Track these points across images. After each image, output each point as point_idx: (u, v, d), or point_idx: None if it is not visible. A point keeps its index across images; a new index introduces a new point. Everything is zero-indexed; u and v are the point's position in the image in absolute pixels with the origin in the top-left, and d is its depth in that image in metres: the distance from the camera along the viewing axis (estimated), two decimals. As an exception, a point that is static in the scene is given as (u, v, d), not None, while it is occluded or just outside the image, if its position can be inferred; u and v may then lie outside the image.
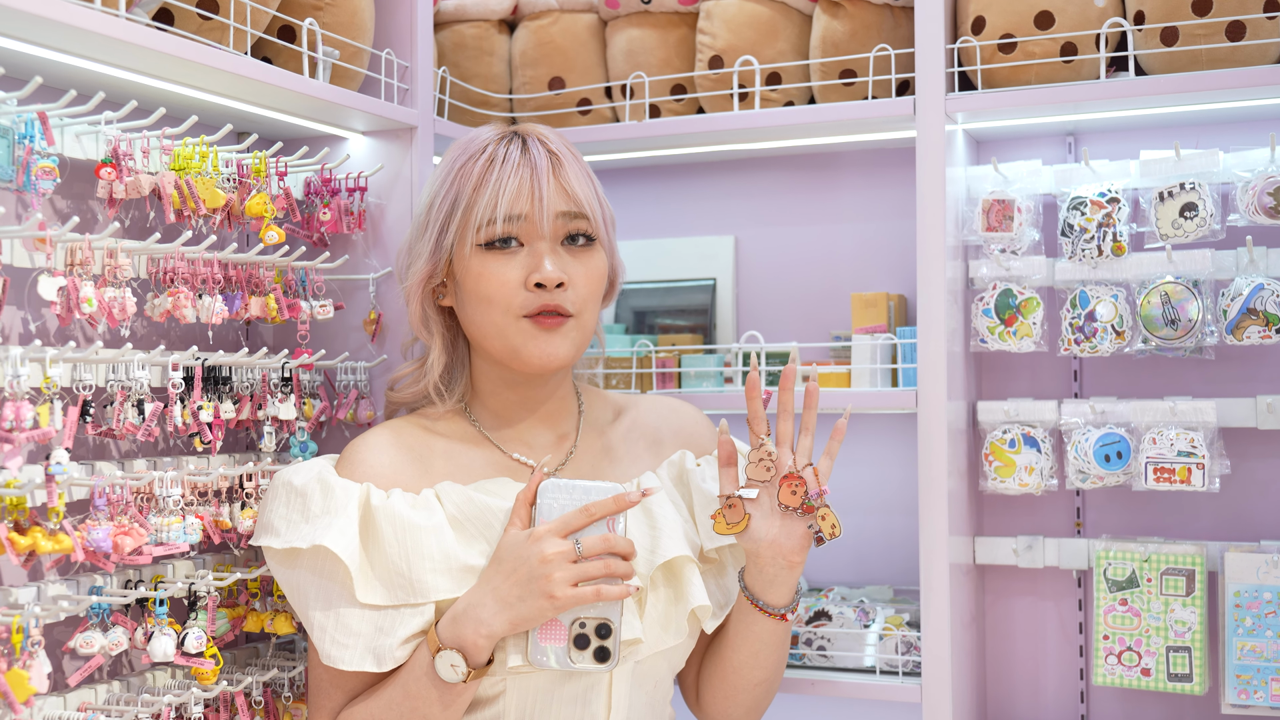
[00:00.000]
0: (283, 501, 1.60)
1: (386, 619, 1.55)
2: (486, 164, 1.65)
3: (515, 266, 1.64)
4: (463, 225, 1.65)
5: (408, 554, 1.56)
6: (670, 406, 1.90)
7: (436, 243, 1.68)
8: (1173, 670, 2.05)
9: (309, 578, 1.57)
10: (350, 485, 1.60)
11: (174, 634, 1.61)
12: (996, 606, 2.34)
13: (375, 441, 1.67)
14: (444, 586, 1.56)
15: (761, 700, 1.80)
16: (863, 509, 2.44)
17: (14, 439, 1.35)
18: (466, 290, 1.67)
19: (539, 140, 1.68)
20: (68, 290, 1.51)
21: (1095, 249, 2.07)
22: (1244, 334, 1.98)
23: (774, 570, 1.66)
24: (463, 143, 1.71)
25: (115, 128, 1.64)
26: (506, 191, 1.63)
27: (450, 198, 1.67)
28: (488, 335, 1.67)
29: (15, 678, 1.36)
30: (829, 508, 1.65)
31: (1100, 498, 2.27)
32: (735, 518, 1.65)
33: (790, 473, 1.65)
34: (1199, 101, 2.02)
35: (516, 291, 1.64)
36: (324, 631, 1.55)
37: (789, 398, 1.66)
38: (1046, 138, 2.30)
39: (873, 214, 2.44)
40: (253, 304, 1.80)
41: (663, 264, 2.57)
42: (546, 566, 1.50)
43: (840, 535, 1.64)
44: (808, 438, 1.67)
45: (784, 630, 1.73)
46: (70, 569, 1.60)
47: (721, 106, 2.28)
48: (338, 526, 1.55)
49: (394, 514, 1.58)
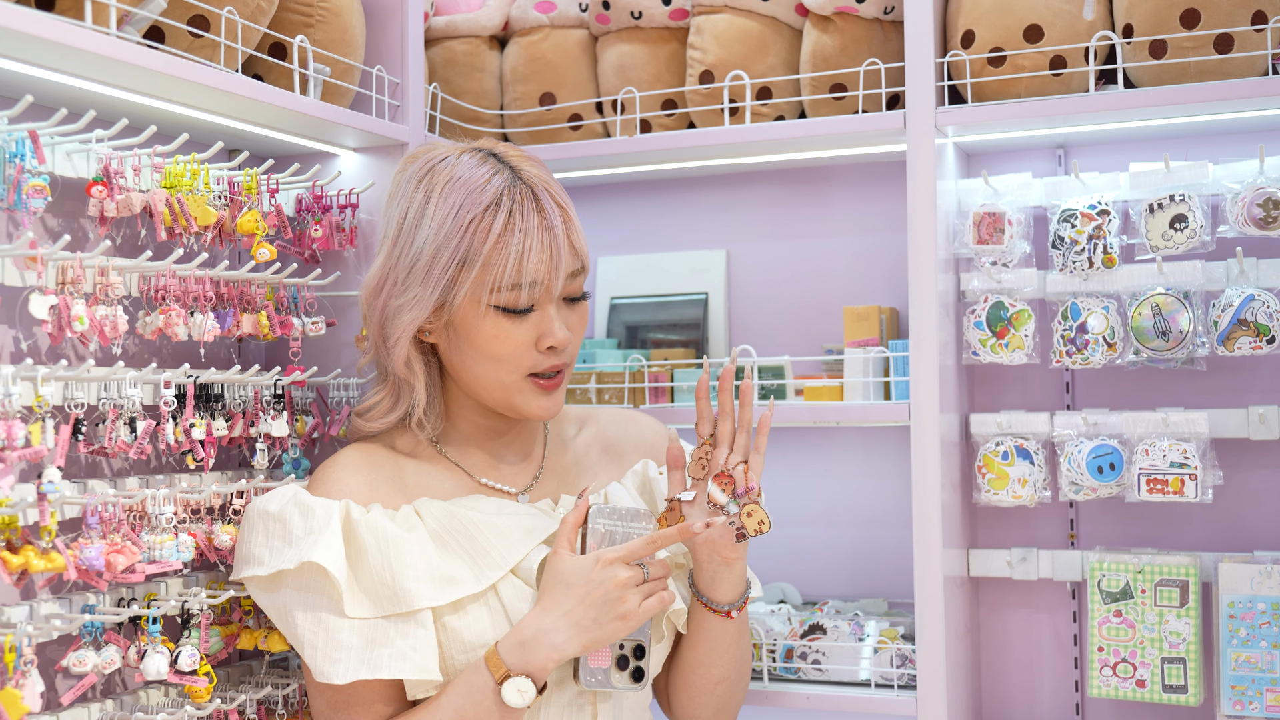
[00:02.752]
0: (261, 530, 1.59)
1: (377, 630, 1.55)
2: (505, 222, 1.61)
3: (527, 328, 1.65)
4: (477, 283, 1.61)
5: (391, 564, 1.56)
6: (629, 418, 1.93)
7: (444, 295, 1.63)
8: (1168, 681, 2.05)
9: (295, 596, 1.56)
10: (329, 503, 1.60)
11: (167, 652, 1.60)
12: (991, 619, 2.34)
13: (347, 461, 1.68)
14: (428, 595, 1.56)
15: (727, 700, 1.83)
16: (856, 522, 2.44)
17: (6, 458, 1.35)
18: (469, 344, 1.66)
19: (546, 192, 1.65)
20: (59, 308, 1.51)
21: (1086, 261, 2.08)
22: (1235, 345, 1.99)
23: (713, 568, 1.70)
24: (463, 186, 1.64)
25: (106, 146, 1.64)
26: (530, 257, 1.61)
27: (462, 250, 1.61)
28: (487, 388, 1.68)
29: (8, 697, 1.36)
30: (758, 504, 1.68)
31: (1094, 509, 2.27)
32: (673, 520, 1.70)
33: (721, 471, 1.69)
34: (1188, 114, 2.03)
35: (527, 353, 1.66)
36: (315, 649, 1.54)
37: (728, 399, 1.72)
38: (1036, 150, 2.30)
39: (864, 227, 2.44)
40: (245, 321, 1.79)
41: (655, 279, 2.57)
42: (622, 591, 1.56)
43: (768, 531, 1.67)
44: (743, 435, 1.72)
45: (734, 628, 1.75)
46: (63, 587, 1.60)
47: (712, 121, 2.29)
48: (324, 543, 1.55)
49: (375, 526, 1.58)
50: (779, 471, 2.39)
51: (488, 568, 1.60)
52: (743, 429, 1.71)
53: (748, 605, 1.77)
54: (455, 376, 1.71)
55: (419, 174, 1.68)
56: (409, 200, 1.67)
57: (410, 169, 1.70)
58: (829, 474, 2.46)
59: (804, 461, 2.44)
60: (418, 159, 1.71)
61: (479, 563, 1.60)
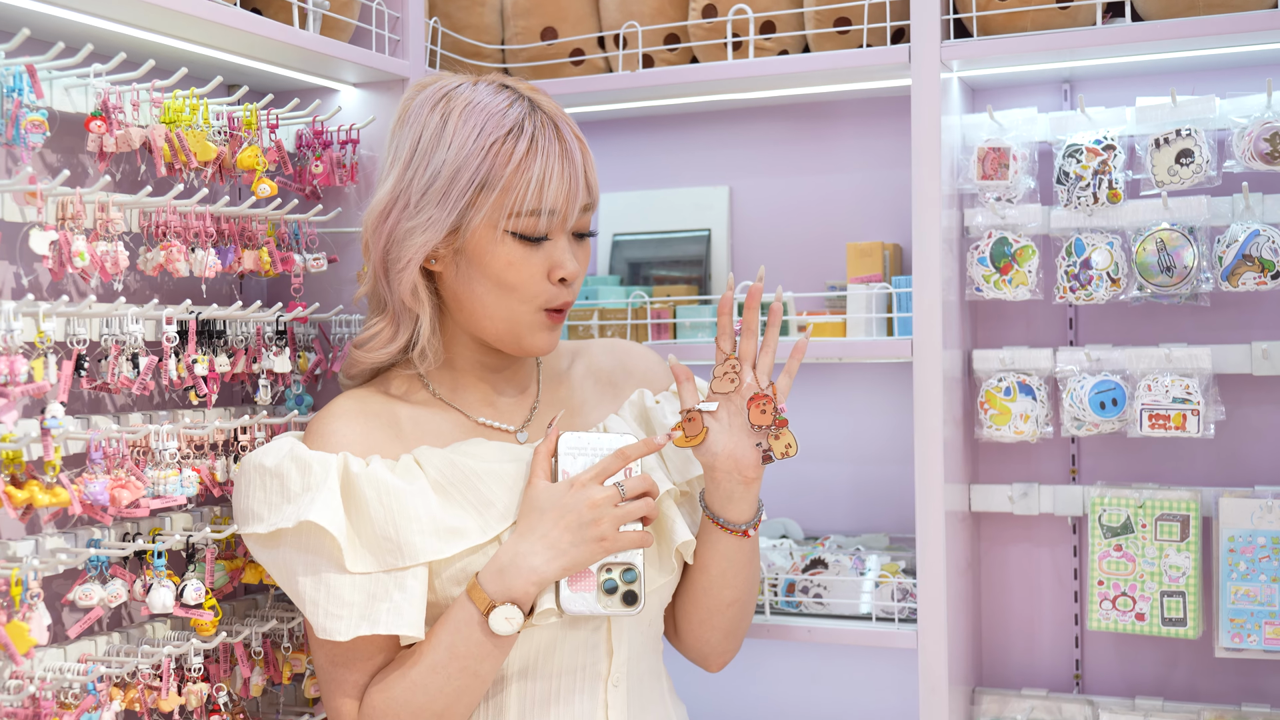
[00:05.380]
0: (258, 485, 1.58)
1: (378, 584, 1.55)
2: (528, 147, 1.58)
3: (540, 258, 1.62)
4: (495, 207, 1.59)
5: (394, 517, 1.55)
6: (622, 348, 1.91)
7: (460, 218, 1.60)
8: (1167, 615, 2.06)
9: (294, 555, 1.56)
10: (327, 457, 1.58)
11: (172, 586, 1.62)
12: (992, 553, 2.35)
13: (341, 411, 1.65)
14: (432, 547, 1.56)
15: (737, 622, 1.81)
16: (858, 458, 2.44)
17: (8, 393, 1.36)
18: (480, 271, 1.62)
19: (566, 124, 1.63)
20: (60, 244, 1.50)
21: (1091, 196, 2.07)
22: (1239, 280, 1.98)
23: (730, 485, 1.68)
24: (483, 110, 1.61)
25: (104, 80, 1.63)
26: (551, 184, 1.59)
27: (483, 173, 1.58)
28: (494, 318, 1.65)
29: (15, 630, 1.37)
30: (785, 427, 1.66)
31: (1095, 444, 2.28)
32: (694, 430, 1.67)
33: (758, 393, 1.66)
34: (1195, 47, 2.01)
35: (539, 283, 1.63)
36: (316, 605, 1.54)
37: (753, 316, 1.68)
38: (1042, 85, 2.29)
39: (868, 163, 2.43)
40: (246, 257, 1.79)
41: (657, 215, 2.56)
42: (596, 511, 1.54)
43: (795, 455, 1.65)
44: (768, 356, 1.69)
45: (748, 547, 1.74)
46: (68, 522, 1.61)
47: (715, 56, 2.27)
48: (321, 500, 1.53)
49: (376, 479, 1.57)
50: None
51: (492, 518, 1.60)
52: (767, 349, 1.69)
53: (760, 525, 1.76)
54: (459, 308, 1.68)
55: (433, 98, 1.64)
56: (423, 124, 1.63)
57: (422, 95, 1.67)
58: (831, 410, 2.46)
59: (806, 397, 2.44)
60: (429, 85, 1.68)
61: (483, 513, 1.60)
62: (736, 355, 1.69)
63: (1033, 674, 2.33)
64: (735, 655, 1.88)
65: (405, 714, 1.56)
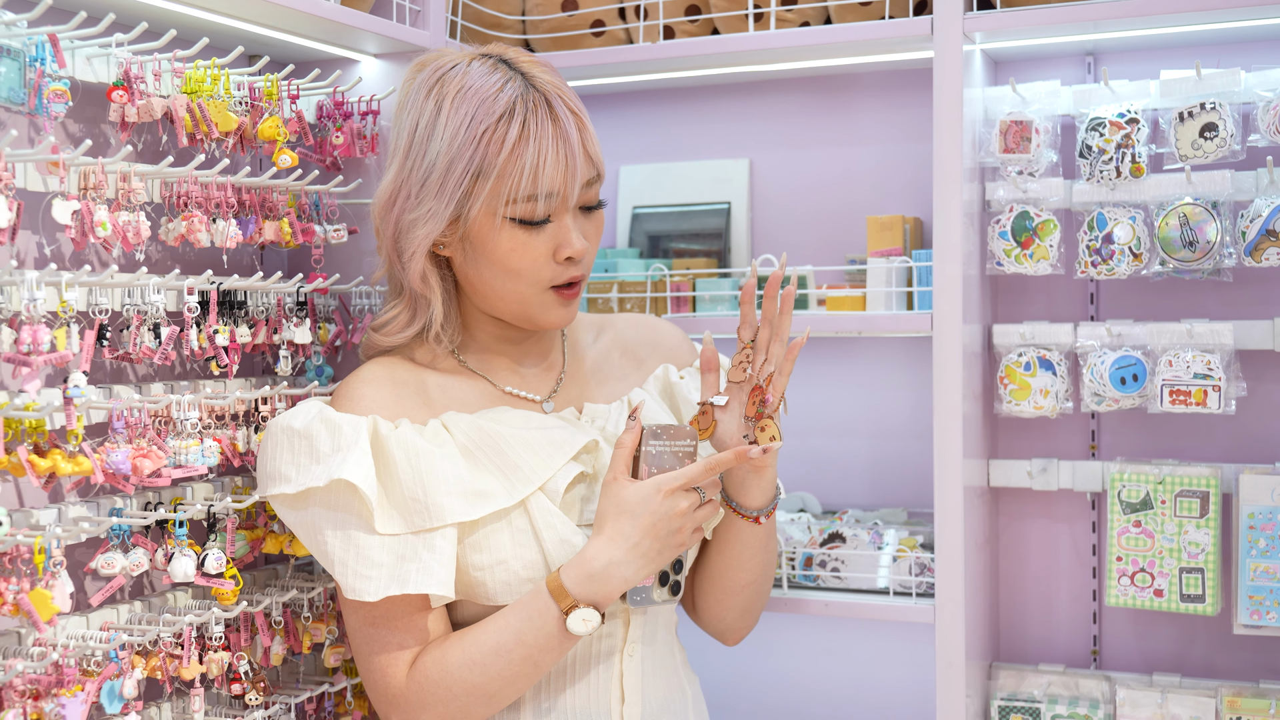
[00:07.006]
0: (286, 448, 1.59)
1: (406, 546, 1.56)
2: (520, 133, 1.58)
3: (544, 239, 1.62)
4: (492, 195, 1.59)
5: (422, 478, 1.56)
6: (647, 323, 1.92)
7: (459, 209, 1.61)
8: (1185, 591, 2.06)
9: (323, 514, 1.56)
10: (356, 419, 1.59)
11: (194, 555, 1.62)
12: (1010, 529, 2.35)
13: (370, 376, 1.67)
14: (460, 509, 1.57)
15: (752, 602, 1.84)
16: (877, 432, 2.44)
17: (32, 362, 1.36)
18: (486, 257, 1.64)
19: (560, 99, 1.62)
20: (82, 214, 1.51)
21: (1114, 170, 2.06)
22: (1263, 256, 1.97)
23: (742, 474, 1.71)
24: (475, 95, 1.60)
25: (126, 50, 1.63)
26: (546, 168, 1.58)
27: (476, 162, 1.59)
28: (505, 300, 1.67)
29: (39, 597, 1.38)
30: (773, 420, 1.68)
31: (1115, 420, 2.27)
32: (706, 424, 1.70)
33: (757, 385, 1.69)
34: (1220, 19, 1.99)
35: (545, 264, 1.64)
36: (345, 566, 1.55)
37: (771, 305, 1.69)
38: (1065, 58, 2.27)
39: (889, 136, 2.42)
40: (267, 228, 1.79)
41: (677, 188, 2.55)
42: (682, 519, 1.59)
43: (779, 447, 1.66)
44: (777, 344, 1.70)
45: (762, 533, 1.76)
46: (90, 491, 1.62)
47: (736, 27, 2.26)
48: (354, 459, 1.54)
49: (405, 441, 1.58)
50: (800, 382, 2.39)
51: (519, 482, 1.61)
52: (777, 338, 1.69)
53: (775, 511, 1.78)
54: (472, 291, 1.69)
55: (428, 83, 1.65)
56: (419, 111, 1.64)
57: (419, 78, 1.67)
58: (851, 383, 2.46)
59: (826, 371, 2.44)
60: (426, 66, 1.68)
61: (510, 477, 1.61)
62: (753, 344, 1.70)
63: (1050, 649, 2.33)
64: (752, 630, 1.89)
65: (460, 690, 1.57)
